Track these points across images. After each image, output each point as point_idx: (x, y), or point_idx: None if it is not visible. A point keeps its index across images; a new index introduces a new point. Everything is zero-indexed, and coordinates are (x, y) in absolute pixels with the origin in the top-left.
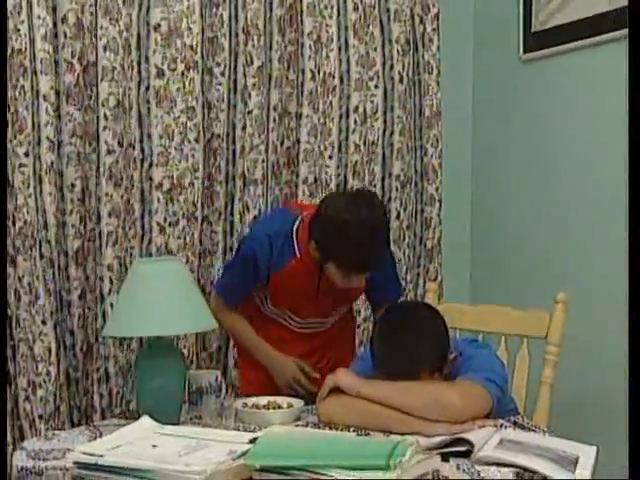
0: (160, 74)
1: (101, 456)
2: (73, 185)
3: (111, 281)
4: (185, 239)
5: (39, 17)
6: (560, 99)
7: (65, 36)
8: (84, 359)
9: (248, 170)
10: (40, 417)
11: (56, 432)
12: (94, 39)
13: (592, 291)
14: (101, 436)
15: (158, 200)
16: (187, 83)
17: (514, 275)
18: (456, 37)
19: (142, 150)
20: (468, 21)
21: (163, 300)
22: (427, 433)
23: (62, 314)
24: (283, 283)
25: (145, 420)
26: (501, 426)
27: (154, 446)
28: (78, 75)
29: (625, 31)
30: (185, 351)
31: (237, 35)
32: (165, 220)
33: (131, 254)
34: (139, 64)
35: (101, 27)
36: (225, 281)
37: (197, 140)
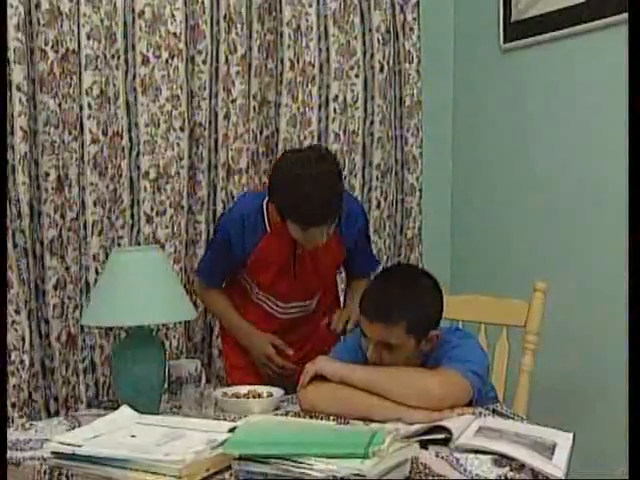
0: (145, 62)
1: (79, 446)
2: (47, 174)
3: (97, 271)
4: (173, 228)
5: (11, 6)
6: (540, 88)
7: (39, 23)
8: (63, 348)
9: (233, 159)
10: (13, 405)
11: (33, 422)
12: (73, 26)
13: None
14: (80, 426)
15: (145, 189)
16: (172, 71)
17: (494, 265)
18: (437, 26)
19: (130, 139)
20: (448, 10)
21: (142, 289)
22: (407, 420)
23: (37, 303)
24: (259, 260)
25: (124, 410)
26: (480, 414)
27: (133, 436)
28: (52, 63)
29: (603, 21)
30: (175, 341)
31: (218, 22)
32: (152, 209)
33: (119, 244)
34: (126, 52)
35: (84, 15)
36: (204, 263)
37: (182, 129)
